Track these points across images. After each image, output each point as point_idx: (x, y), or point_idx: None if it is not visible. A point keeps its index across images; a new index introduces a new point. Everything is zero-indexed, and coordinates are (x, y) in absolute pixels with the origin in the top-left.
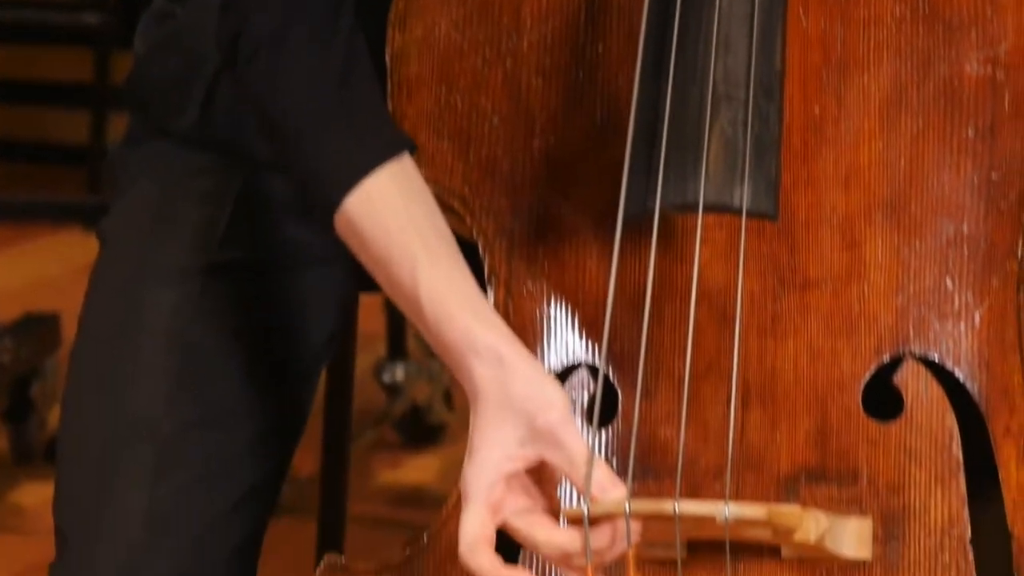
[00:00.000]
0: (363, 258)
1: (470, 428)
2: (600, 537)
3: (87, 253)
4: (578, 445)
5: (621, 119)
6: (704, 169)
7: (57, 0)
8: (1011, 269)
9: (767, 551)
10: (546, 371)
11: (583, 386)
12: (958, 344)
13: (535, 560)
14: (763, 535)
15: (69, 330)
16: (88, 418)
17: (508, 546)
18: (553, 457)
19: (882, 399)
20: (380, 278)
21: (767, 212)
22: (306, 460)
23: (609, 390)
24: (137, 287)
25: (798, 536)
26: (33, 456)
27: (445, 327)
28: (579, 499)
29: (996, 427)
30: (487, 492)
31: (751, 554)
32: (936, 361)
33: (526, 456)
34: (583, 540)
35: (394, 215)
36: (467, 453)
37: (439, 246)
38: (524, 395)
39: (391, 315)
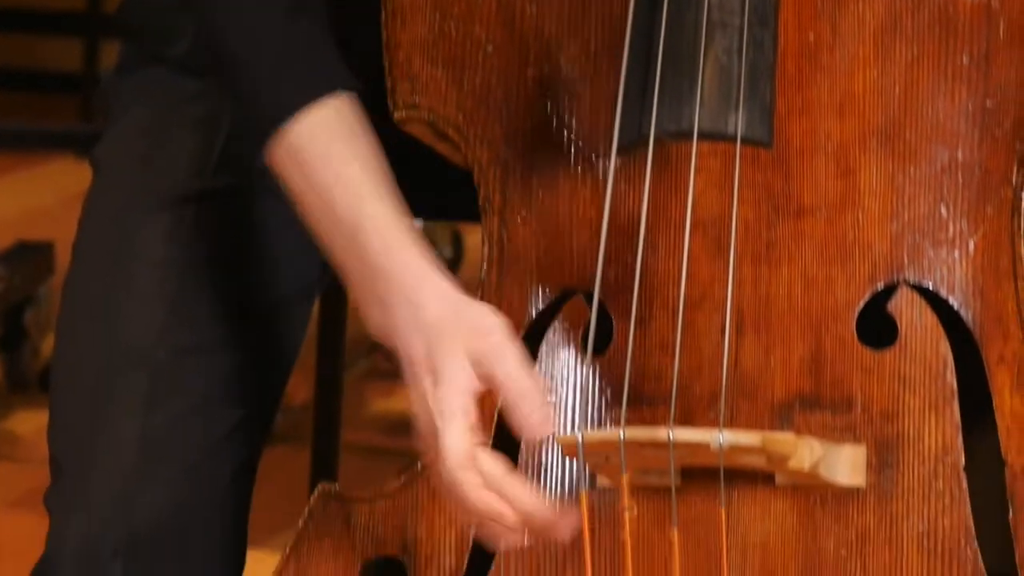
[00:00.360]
0: (300, 187)
1: (415, 360)
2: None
3: (80, 181)
4: (522, 362)
5: (615, 47)
6: (699, 96)
7: None
8: (1006, 196)
9: (761, 478)
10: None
11: (578, 313)
12: (952, 272)
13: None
14: (757, 462)
15: (63, 258)
16: (82, 346)
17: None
18: (500, 371)
19: (876, 327)
20: (314, 209)
21: (761, 139)
22: (299, 389)
23: (604, 318)
24: (131, 214)
25: (792, 463)
26: (27, 384)
27: (389, 260)
28: (573, 427)
29: (990, 355)
30: (464, 411)
31: (745, 481)
32: (930, 289)
33: (483, 374)
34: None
35: (338, 147)
36: (427, 385)
37: (383, 183)
38: (471, 320)
39: None
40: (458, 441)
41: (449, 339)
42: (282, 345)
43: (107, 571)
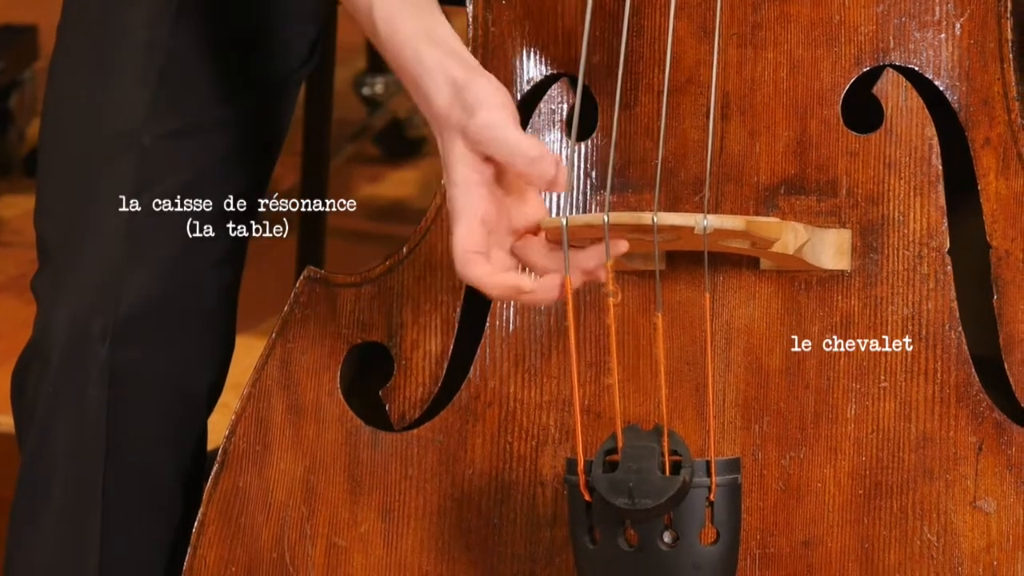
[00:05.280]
0: None
1: (441, 151)
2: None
3: None
4: (512, 132)
5: None
6: None
7: None
8: None
9: (746, 263)
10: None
11: (563, 97)
12: (938, 54)
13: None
14: (742, 247)
15: (47, 41)
16: (68, 130)
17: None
18: (496, 151)
19: (862, 111)
20: None
21: None
22: (286, 175)
23: (589, 102)
24: None
25: (777, 247)
26: (13, 168)
27: (398, 49)
28: (558, 212)
29: (976, 138)
30: (473, 206)
31: (730, 266)
32: (916, 71)
33: (484, 159)
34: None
35: None
36: (445, 177)
37: None
38: (463, 101)
39: None
40: (461, 238)
41: (448, 131)
42: (268, 128)
43: (94, 354)
